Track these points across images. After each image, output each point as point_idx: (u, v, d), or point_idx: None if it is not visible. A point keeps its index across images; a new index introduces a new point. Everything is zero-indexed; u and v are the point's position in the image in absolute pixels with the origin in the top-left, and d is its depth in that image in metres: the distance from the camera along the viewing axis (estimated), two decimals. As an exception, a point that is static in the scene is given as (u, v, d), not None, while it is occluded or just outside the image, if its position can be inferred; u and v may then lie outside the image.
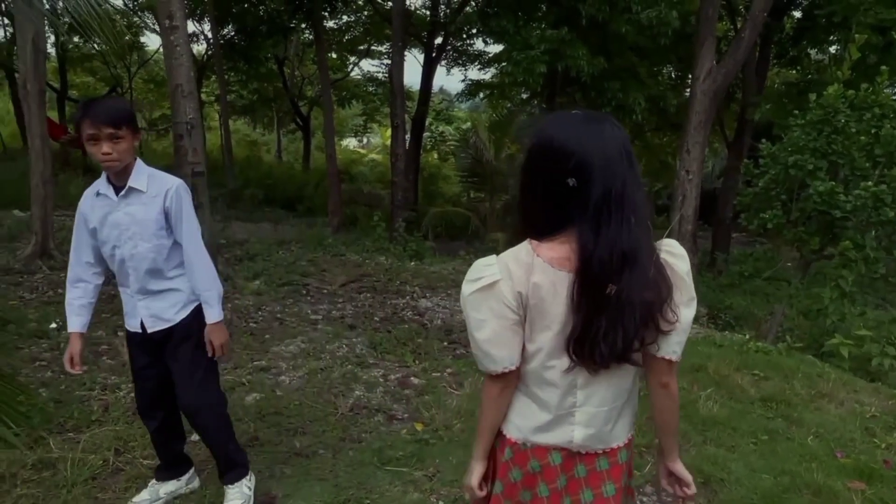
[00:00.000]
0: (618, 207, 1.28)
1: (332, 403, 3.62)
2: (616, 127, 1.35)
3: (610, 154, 1.30)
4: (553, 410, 1.43)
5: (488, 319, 1.37)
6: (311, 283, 6.87)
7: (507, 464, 1.48)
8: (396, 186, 10.83)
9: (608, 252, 1.27)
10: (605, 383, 1.42)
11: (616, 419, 1.47)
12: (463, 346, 5.23)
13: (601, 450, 1.48)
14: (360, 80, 22.15)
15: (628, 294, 1.29)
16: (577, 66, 9.24)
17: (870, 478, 3.10)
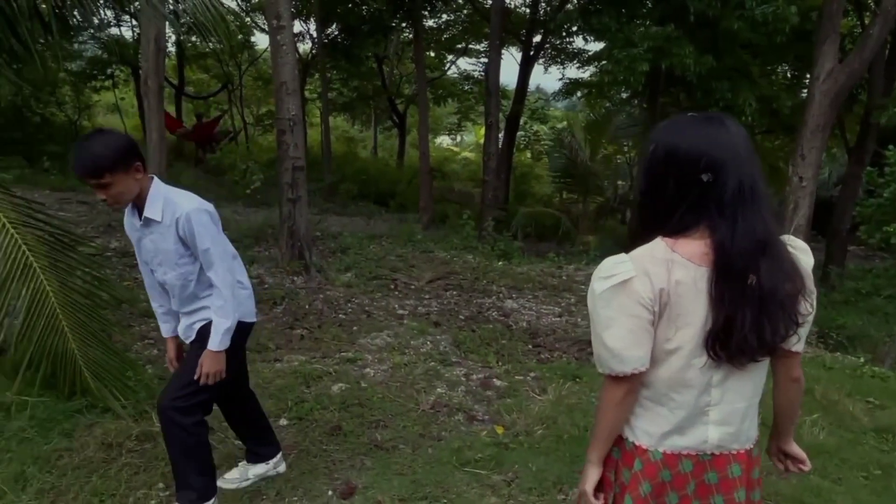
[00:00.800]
0: (751, 199, 1.30)
1: (414, 399, 3.65)
2: (736, 124, 1.37)
3: (738, 149, 1.33)
4: (687, 411, 1.40)
5: (620, 318, 1.35)
6: (400, 279, 6.97)
7: (636, 476, 1.43)
8: (487, 185, 10.80)
9: (747, 243, 1.29)
10: (744, 379, 1.40)
11: (751, 416, 1.46)
12: (548, 351, 5.13)
13: (734, 451, 1.44)
14: (456, 79, 22.30)
15: (770, 284, 1.29)
16: (682, 65, 8.81)
17: None
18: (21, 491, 2.51)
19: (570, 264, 8.60)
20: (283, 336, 4.76)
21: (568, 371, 4.34)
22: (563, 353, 5.07)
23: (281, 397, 3.49)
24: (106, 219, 7.93)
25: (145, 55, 6.52)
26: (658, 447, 1.42)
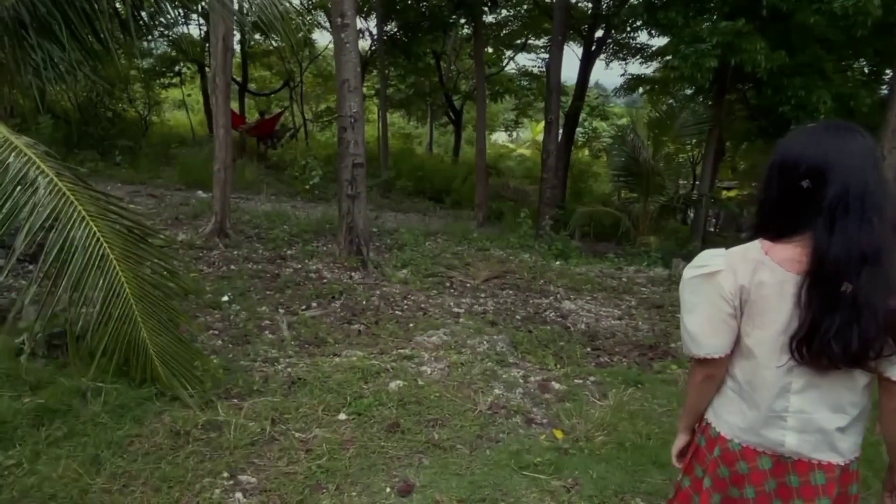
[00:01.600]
0: (858, 208, 1.29)
1: (472, 399, 3.62)
2: (862, 134, 1.37)
3: (849, 156, 1.33)
4: (764, 411, 1.45)
5: (701, 305, 1.47)
6: (455, 276, 6.96)
7: (715, 461, 1.53)
8: (545, 183, 10.66)
9: (845, 251, 1.29)
10: (827, 389, 1.40)
11: (848, 430, 1.43)
12: (607, 355, 5.02)
13: (816, 461, 1.44)
14: (513, 75, 22.12)
15: (867, 295, 1.28)
16: (752, 61, 8.45)
17: None
18: (95, 474, 2.61)
19: (630, 265, 8.41)
20: (341, 331, 4.82)
21: (629, 376, 4.23)
22: (623, 358, 4.95)
23: (340, 392, 3.52)
24: (173, 212, 8.23)
25: (214, 53, 6.71)
26: (737, 439, 1.50)
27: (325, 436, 3.08)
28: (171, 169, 11.74)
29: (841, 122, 1.44)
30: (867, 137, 1.38)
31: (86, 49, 3.76)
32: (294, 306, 5.29)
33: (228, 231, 7.07)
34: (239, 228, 7.68)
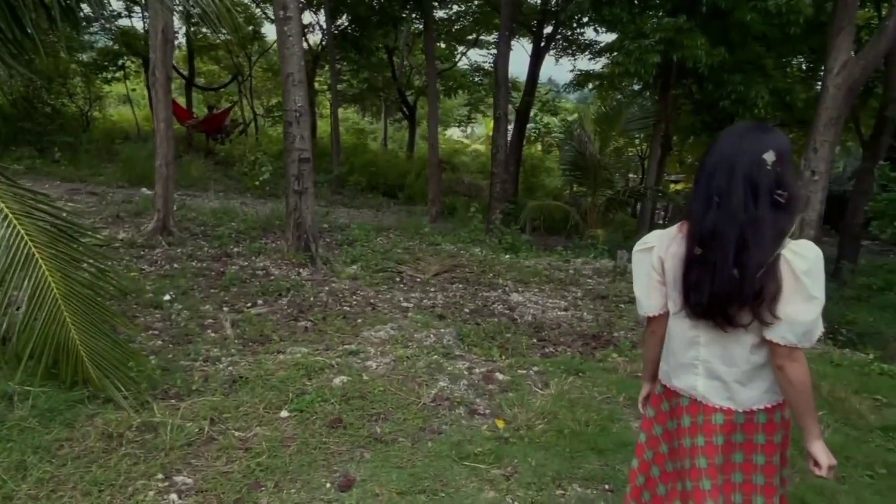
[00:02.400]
0: (720, 199, 1.63)
1: (416, 392, 3.64)
2: (764, 133, 1.67)
3: (734, 153, 1.65)
4: (680, 359, 1.80)
5: (640, 274, 1.85)
6: (406, 271, 6.97)
7: (658, 397, 1.93)
8: (496, 178, 10.75)
9: (699, 226, 1.66)
10: (724, 344, 1.71)
11: (737, 384, 1.71)
12: (552, 345, 5.11)
13: (718, 405, 1.74)
14: (466, 70, 22.19)
15: (714, 261, 1.63)
16: (694, 57, 8.71)
17: None
18: (21, 480, 2.52)
19: (577, 258, 8.56)
20: (287, 328, 4.77)
21: (571, 365, 4.32)
22: (567, 348, 5.05)
23: (282, 389, 3.49)
24: (114, 210, 7.99)
25: (153, 46, 6.53)
26: (667, 382, 1.87)
27: (265, 434, 3.05)
28: (114, 166, 11.38)
29: (759, 124, 1.73)
30: (769, 137, 1.65)
31: (9, 42, 3.60)
32: (239, 304, 5.21)
33: (172, 229, 6.90)
34: (184, 226, 7.51)
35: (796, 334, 1.60)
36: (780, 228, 1.60)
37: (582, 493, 2.81)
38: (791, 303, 1.58)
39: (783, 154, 1.65)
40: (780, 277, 1.58)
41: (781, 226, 1.60)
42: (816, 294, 1.58)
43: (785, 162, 1.65)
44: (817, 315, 1.60)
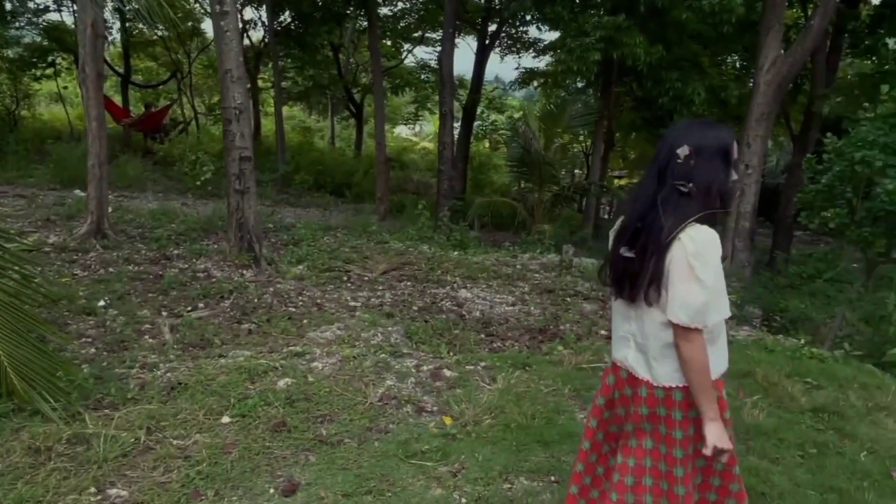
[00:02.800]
0: (638, 187, 1.88)
1: (362, 392, 3.60)
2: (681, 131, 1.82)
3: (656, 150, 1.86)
4: (618, 332, 1.95)
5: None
6: (353, 270, 6.89)
7: (607, 370, 2.05)
8: (443, 175, 10.76)
9: (621, 209, 1.79)
10: (644, 320, 1.83)
11: (653, 360, 1.82)
12: (500, 340, 5.15)
13: (643, 377, 1.85)
14: (413, 68, 22.12)
15: (613, 246, 1.87)
16: (633, 55, 8.92)
17: (929, 502, 2.87)
18: (-62, 501, 2.38)
19: (525, 253, 8.65)
20: (229, 331, 4.64)
21: (518, 360, 4.35)
22: (515, 342, 5.09)
23: (224, 394, 3.40)
24: (45, 213, 7.61)
25: (81, 42, 6.24)
26: (611, 357, 2.01)
27: (205, 441, 2.96)
28: (45, 167, 10.84)
29: (703, 121, 1.87)
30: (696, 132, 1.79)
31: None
32: (179, 308, 5.04)
33: (107, 231, 6.62)
34: (120, 228, 7.22)
35: (687, 314, 1.69)
36: (682, 215, 1.72)
37: (528, 486, 2.83)
38: (681, 283, 1.69)
39: (702, 149, 1.75)
40: (669, 259, 1.70)
41: (683, 212, 1.72)
42: (702, 276, 1.67)
43: (703, 156, 1.75)
44: (706, 298, 1.68)
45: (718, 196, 1.77)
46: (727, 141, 1.78)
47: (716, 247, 1.71)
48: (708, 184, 1.75)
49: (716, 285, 1.70)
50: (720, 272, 1.72)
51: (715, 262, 1.70)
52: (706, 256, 1.69)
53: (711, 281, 1.69)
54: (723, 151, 1.77)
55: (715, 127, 1.81)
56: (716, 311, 1.72)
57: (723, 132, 1.80)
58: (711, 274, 1.69)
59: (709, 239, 1.71)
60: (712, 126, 1.81)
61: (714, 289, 1.70)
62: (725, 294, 1.75)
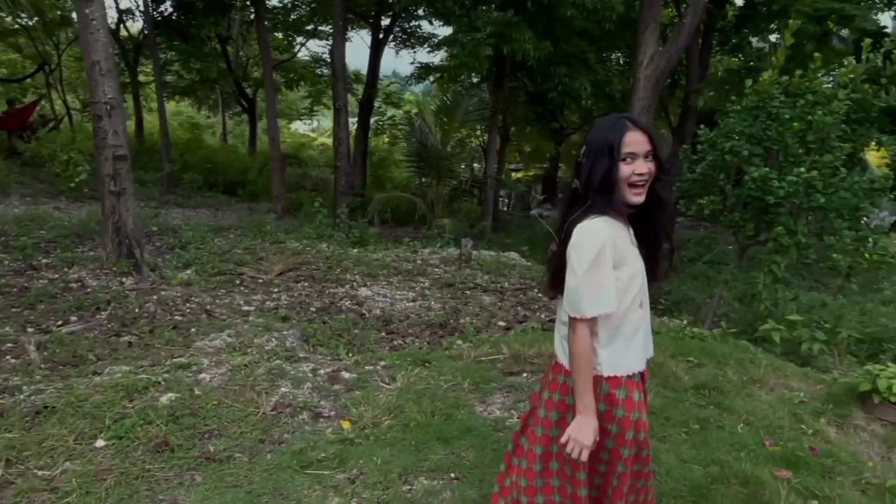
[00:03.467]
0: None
1: (255, 402, 3.43)
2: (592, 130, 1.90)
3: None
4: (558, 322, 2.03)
5: None
6: (247, 273, 6.61)
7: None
8: (340, 171, 10.54)
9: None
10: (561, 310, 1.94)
11: (564, 348, 1.91)
12: (401, 337, 5.10)
13: (559, 362, 1.96)
14: (307, 62, 21.55)
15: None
16: (522, 51, 9.11)
17: (796, 466, 3.11)
18: None
19: (425, 248, 8.65)
20: (106, 345, 4.29)
21: (418, 357, 4.31)
22: (415, 339, 5.06)
23: (97, 416, 3.11)
24: None
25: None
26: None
27: (76, 469, 2.70)
28: None
29: (610, 116, 1.89)
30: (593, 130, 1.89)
31: None
32: (47, 323, 4.60)
33: (-40, 242, 5.95)
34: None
35: (568, 303, 1.79)
36: (576, 210, 1.81)
37: (429, 486, 2.79)
38: (567, 274, 1.78)
39: (591, 148, 1.82)
40: (567, 252, 1.78)
41: (577, 208, 1.82)
42: (576, 267, 1.75)
43: (591, 155, 1.81)
44: (576, 287, 1.75)
45: (605, 190, 1.79)
46: (609, 137, 1.79)
47: (593, 239, 1.74)
48: (590, 180, 1.80)
49: (589, 276, 1.73)
50: (599, 264, 1.74)
51: (589, 253, 1.73)
52: (581, 248, 1.74)
53: (581, 271, 1.74)
54: (607, 147, 1.78)
55: (604, 124, 1.84)
56: (590, 304, 1.75)
57: (608, 130, 1.81)
58: (584, 264, 1.73)
59: (586, 231, 1.75)
60: (603, 124, 1.85)
61: (585, 280, 1.74)
62: (607, 288, 1.76)
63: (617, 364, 1.86)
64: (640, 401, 1.91)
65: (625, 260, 1.81)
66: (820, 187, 4.64)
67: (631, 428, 1.88)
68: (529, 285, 6.93)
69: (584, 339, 1.78)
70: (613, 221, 1.80)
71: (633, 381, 1.89)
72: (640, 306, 1.88)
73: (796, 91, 5.01)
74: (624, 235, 1.83)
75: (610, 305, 1.77)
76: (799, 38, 9.03)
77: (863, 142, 5.50)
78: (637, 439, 1.91)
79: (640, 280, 1.87)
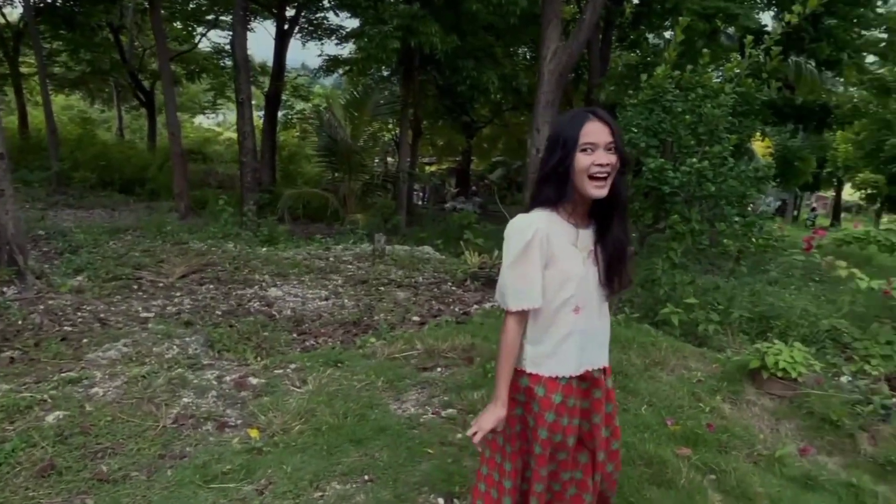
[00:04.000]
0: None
1: (153, 415, 3.23)
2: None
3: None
4: None
5: None
6: (146, 277, 6.25)
7: None
8: (245, 167, 10.15)
9: None
10: None
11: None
12: (313, 337, 4.98)
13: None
14: (208, 53, 20.63)
15: None
16: (430, 44, 9.10)
17: (695, 443, 3.28)
18: None
19: (338, 245, 8.50)
20: (-17, 363, 3.92)
21: (331, 357, 4.22)
22: (328, 338, 4.95)
23: (-28, 442, 2.84)
24: None
25: None
26: None
27: (-54, 503, 2.45)
28: None
29: (575, 110, 1.80)
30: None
31: None
32: (-88, 342, 4.16)
33: None
34: None
35: (497, 294, 1.80)
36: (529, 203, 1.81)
37: (341, 490, 2.73)
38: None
39: (549, 141, 1.78)
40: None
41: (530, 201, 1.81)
42: (504, 259, 1.75)
43: (548, 147, 1.76)
44: (501, 279, 1.76)
45: (557, 181, 1.73)
46: (566, 128, 1.72)
47: (522, 233, 1.71)
48: (542, 171, 1.78)
49: (513, 270, 1.73)
50: (524, 259, 1.72)
51: (515, 247, 1.72)
52: (510, 241, 1.73)
53: (506, 264, 1.74)
54: (562, 138, 1.72)
55: (564, 118, 1.80)
56: (513, 297, 1.74)
57: (566, 122, 1.74)
58: (509, 258, 1.74)
59: (517, 224, 1.74)
60: (563, 117, 1.81)
61: (509, 273, 1.74)
62: (532, 283, 1.73)
63: (540, 363, 1.82)
64: (565, 405, 1.83)
65: (557, 260, 1.74)
66: (710, 176, 4.91)
67: (544, 427, 1.83)
68: (444, 279, 6.95)
69: (509, 331, 1.77)
70: (556, 218, 1.75)
71: (560, 383, 1.82)
72: (574, 311, 1.78)
73: (687, 85, 5.27)
74: (565, 234, 1.76)
75: (532, 301, 1.73)
76: (690, 35, 9.54)
77: (748, 133, 5.86)
78: (552, 440, 1.85)
79: (576, 284, 1.77)
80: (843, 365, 4.41)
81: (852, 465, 3.33)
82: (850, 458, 3.40)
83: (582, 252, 1.78)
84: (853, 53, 11.37)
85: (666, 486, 2.93)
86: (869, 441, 3.43)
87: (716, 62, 9.53)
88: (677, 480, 2.95)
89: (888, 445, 3.41)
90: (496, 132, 22.91)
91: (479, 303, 6.12)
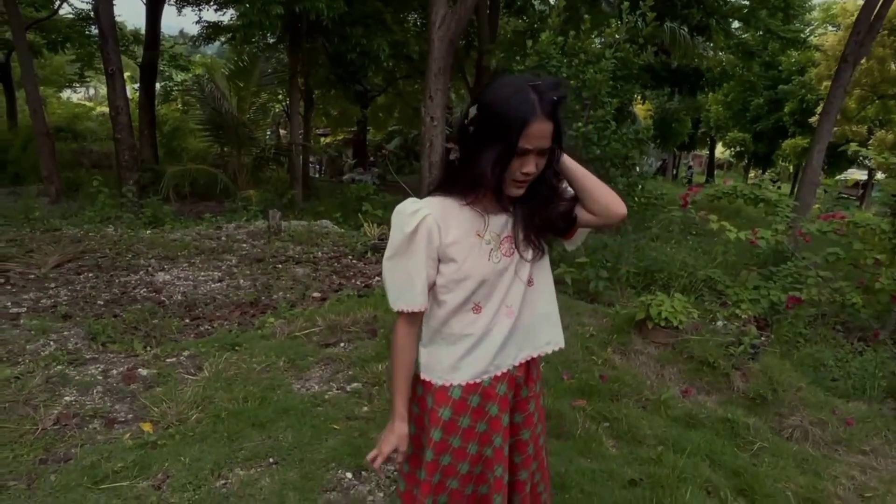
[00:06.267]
0: None
1: (31, 418, 2.99)
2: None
3: None
4: None
5: None
6: (14, 269, 5.72)
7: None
8: (121, 143, 9.43)
9: None
10: None
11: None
12: (208, 322, 4.78)
13: None
14: (71, 20, 18.80)
15: None
16: (315, 9, 8.77)
17: (590, 394, 3.47)
18: None
19: (230, 223, 8.16)
20: None
21: (227, 341, 4.07)
22: (224, 322, 4.77)
23: None
24: None
25: None
26: None
27: None
28: None
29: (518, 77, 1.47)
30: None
31: None
32: None
33: None
34: None
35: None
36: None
37: (245, 476, 2.67)
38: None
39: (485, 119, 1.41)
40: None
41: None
42: (386, 250, 1.50)
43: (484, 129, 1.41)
44: (383, 274, 1.53)
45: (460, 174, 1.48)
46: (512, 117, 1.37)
47: (408, 221, 1.45)
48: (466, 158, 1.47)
49: (394, 264, 1.48)
50: (408, 253, 1.46)
51: (398, 237, 1.46)
52: (394, 230, 1.48)
53: (387, 257, 1.50)
54: (505, 133, 1.39)
55: (510, 94, 1.40)
56: (395, 296, 1.50)
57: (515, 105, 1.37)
58: (390, 250, 1.48)
59: (404, 211, 1.47)
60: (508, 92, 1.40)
61: (389, 267, 1.50)
62: (415, 281, 1.47)
63: (432, 368, 1.56)
64: (453, 423, 1.56)
65: (456, 254, 1.46)
66: (595, 139, 5.12)
67: (431, 447, 1.56)
68: (343, 253, 6.86)
69: (399, 334, 1.53)
70: (454, 205, 1.47)
71: (452, 396, 1.55)
72: (473, 310, 1.51)
73: (571, 51, 5.43)
74: (467, 223, 1.48)
75: (411, 303, 1.48)
76: (572, 2, 9.80)
77: (628, 96, 6.14)
78: (438, 462, 1.57)
79: (476, 282, 1.49)
80: (718, 311, 4.80)
81: (728, 401, 3.66)
82: (726, 396, 3.73)
83: (490, 243, 1.49)
84: (720, 19, 12.12)
85: (565, 437, 3.10)
86: (741, 378, 3.78)
87: (597, 28, 9.88)
88: (574, 431, 3.12)
89: (757, 381, 3.78)
90: (391, 101, 22.60)
91: (381, 275, 6.10)
